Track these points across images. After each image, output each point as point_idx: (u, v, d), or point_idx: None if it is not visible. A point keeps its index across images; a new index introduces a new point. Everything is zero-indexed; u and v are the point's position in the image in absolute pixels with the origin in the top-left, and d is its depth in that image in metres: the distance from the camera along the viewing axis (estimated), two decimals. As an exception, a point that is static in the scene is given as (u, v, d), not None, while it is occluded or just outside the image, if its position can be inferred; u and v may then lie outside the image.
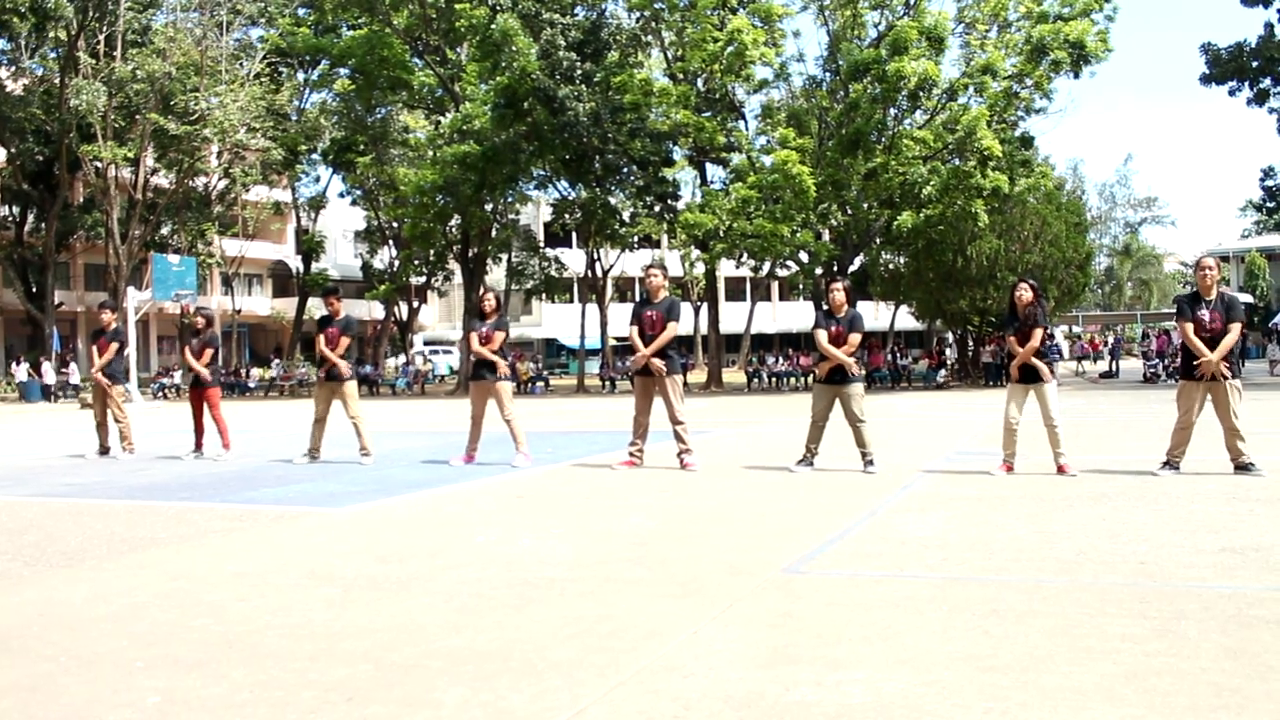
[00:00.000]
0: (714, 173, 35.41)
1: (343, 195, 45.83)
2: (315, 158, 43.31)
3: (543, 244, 44.42)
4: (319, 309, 17.00)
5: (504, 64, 29.89)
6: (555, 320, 58.17)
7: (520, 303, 53.66)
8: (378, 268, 44.31)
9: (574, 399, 28.54)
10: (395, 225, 41.21)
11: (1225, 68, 33.17)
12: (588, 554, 5.26)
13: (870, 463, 8.51)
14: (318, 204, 46.04)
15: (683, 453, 9.02)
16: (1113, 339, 44.86)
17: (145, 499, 7.89)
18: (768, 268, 34.38)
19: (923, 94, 27.60)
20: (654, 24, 32.33)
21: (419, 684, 3.23)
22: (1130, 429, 12.94)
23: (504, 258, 39.30)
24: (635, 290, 50.55)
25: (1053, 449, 8.10)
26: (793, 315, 60.05)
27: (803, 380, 31.38)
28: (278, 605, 4.30)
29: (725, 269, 40.00)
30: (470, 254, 35.76)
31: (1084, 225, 35.76)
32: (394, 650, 3.60)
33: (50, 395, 33.20)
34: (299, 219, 47.02)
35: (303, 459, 10.16)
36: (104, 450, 11.53)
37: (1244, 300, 8.97)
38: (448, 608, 4.19)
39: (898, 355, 32.88)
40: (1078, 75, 27.60)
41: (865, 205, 29.65)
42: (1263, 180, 52.00)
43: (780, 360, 35.18)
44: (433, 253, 38.31)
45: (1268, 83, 33.34)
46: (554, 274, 40.64)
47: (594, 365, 40.21)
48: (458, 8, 30.91)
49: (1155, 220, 77.36)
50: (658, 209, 33.70)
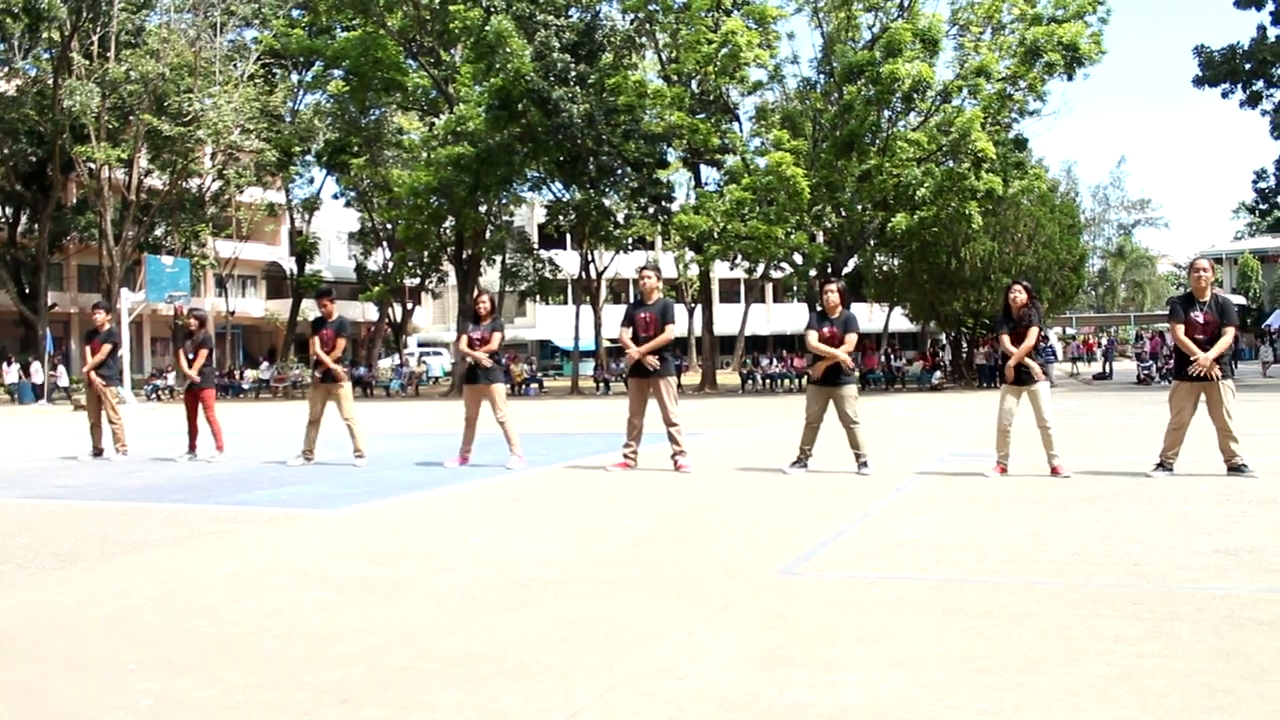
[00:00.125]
0: (708, 174, 35.53)
1: (337, 197, 45.83)
2: (309, 159, 43.26)
3: (537, 245, 44.42)
4: (313, 311, 16.95)
5: (498, 66, 29.90)
6: (549, 322, 58.15)
7: (514, 304, 53.66)
8: (372, 269, 44.24)
9: (568, 400, 28.52)
10: (389, 227, 41.14)
11: (1218, 70, 33.29)
12: (582, 556, 5.25)
13: (864, 464, 8.51)
14: (312, 205, 45.98)
15: (677, 454, 9.01)
16: (1106, 340, 45.02)
17: (139, 501, 7.86)
18: (762, 269, 34.38)
19: (917, 96, 27.66)
20: (648, 26, 32.40)
21: (413, 686, 3.23)
22: (1124, 430, 12.97)
23: (498, 259, 39.26)
24: (629, 292, 50.60)
25: (1046, 451, 8.10)
26: (787, 317, 60.04)
27: (797, 382, 31.40)
28: (271, 607, 4.29)
29: (719, 271, 40.08)
30: (464, 255, 35.74)
31: (1078, 227, 35.84)
32: (388, 652, 3.59)
33: (42, 396, 33.07)
34: (293, 220, 46.93)
35: (296, 461, 10.14)
36: (97, 452, 11.50)
37: (1237, 302, 8.98)
38: (441, 610, 4.18)
39: (892, 357, 32.90)
40: (1071, 77, 27.75)
41: (859, 207, 29.69)
42: (1255, 182, 52.25)
43: (774, 362, 35.19)
44: (427, 254, 38.25)
45: (1260, 85, 33.46)
46: (548, 276, 40.58)
47: (588, 367, 40.19)
48: (452, 9, 30.91)
49: (1149, 222, 77.83)
50: (652, 211, 33.69)
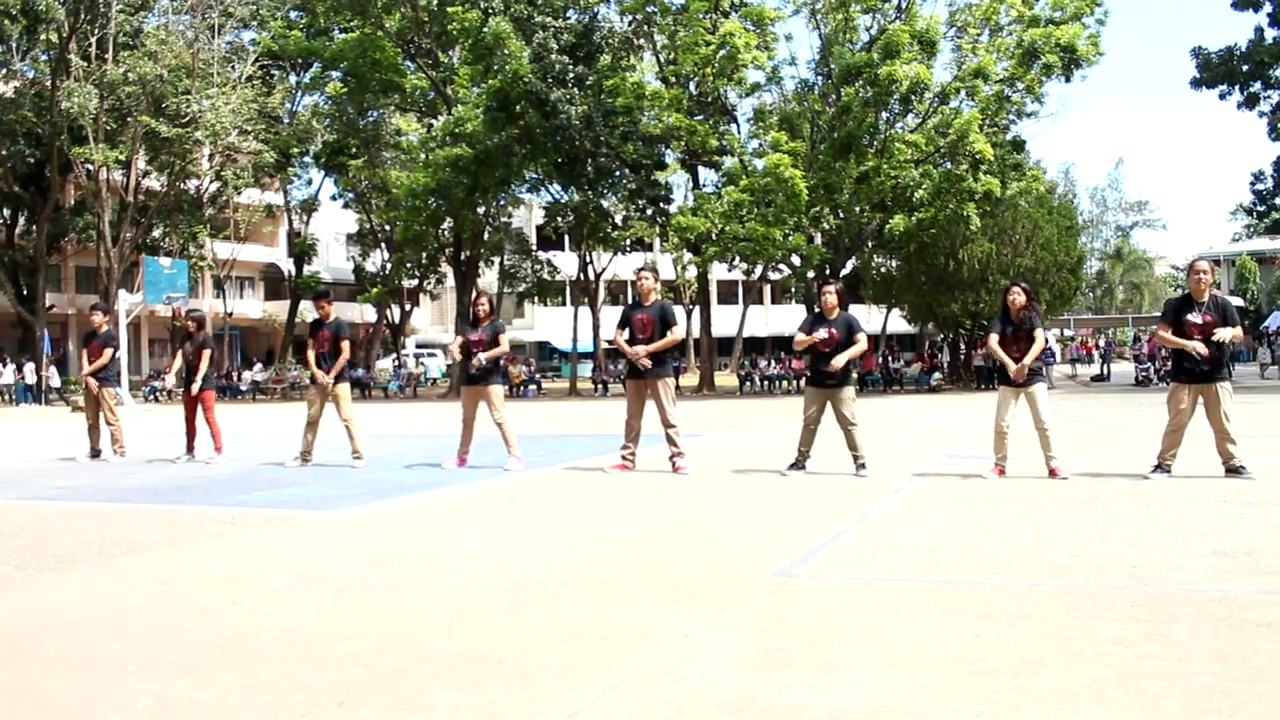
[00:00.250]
0: (706, 176, 35.54)
1: (335, 198, 45.86)
2: (307, 160, 43.28)
3: (535, 247, 44.42)
4: (311, 312, 16.96)
5: (496, 67, 29.91)
6: (547, 323, 58.13)
7: (512, 306, 53.61)
8: (370, 270, 44.26)
9: (566, 402, 28.52)
10: (387, 228, 41.14)
11: (1216, 71, 33.32)
12: (580, 557, 5.25)
13: (862, 466, 8.51)
14: (310, 207, 45.98)
15: (675, 456, 9.01)
16: (1104, 342, 45.06)
17: (136, 502, 7.86)
18: (760, 271, 34.44)
19: (914, 98, 27.68)
20: (646, 27, 32.42)
21: (411, 688, 3.23)
22: (1122, 432, 12.98)
23: (496, 261, 39.27)
24: (628, 293, 50.58)
25: (1044, 452, 8.10)
26: (785, 318, 60.01)
27: (795, 383, 31.41)
28: (269, 609, 4.29)
29: (717, 272, 40.12)
30: (462, 257, 35.74)
31: (1075, 229, 35.88)
32: (386, 654, 3.59)
33: (38, 397, 33.05)
34: (291, 222, 46.93)
35: (294, 462, 10.13)
36: (95, 453, 11.49)
37: (1235, 304, 8.97)
38: (440, 611, 4.18)
39: (890, 359, 32.92)
40: (1069, 79, 27.77)
41: (857, 209, 29.71)
42: (1253, 184, 52.33)
43: (772, 363, 35.20)
44: (425, 255, 38.27)
45: (1258, 86, 33.51)
46: (546, 277, 40.60)
47: (586, 368, 40.19)
48: (450, 11, 30.92)
49: (1146, 224, 77.96)
50: (650, 212, 33.72)
